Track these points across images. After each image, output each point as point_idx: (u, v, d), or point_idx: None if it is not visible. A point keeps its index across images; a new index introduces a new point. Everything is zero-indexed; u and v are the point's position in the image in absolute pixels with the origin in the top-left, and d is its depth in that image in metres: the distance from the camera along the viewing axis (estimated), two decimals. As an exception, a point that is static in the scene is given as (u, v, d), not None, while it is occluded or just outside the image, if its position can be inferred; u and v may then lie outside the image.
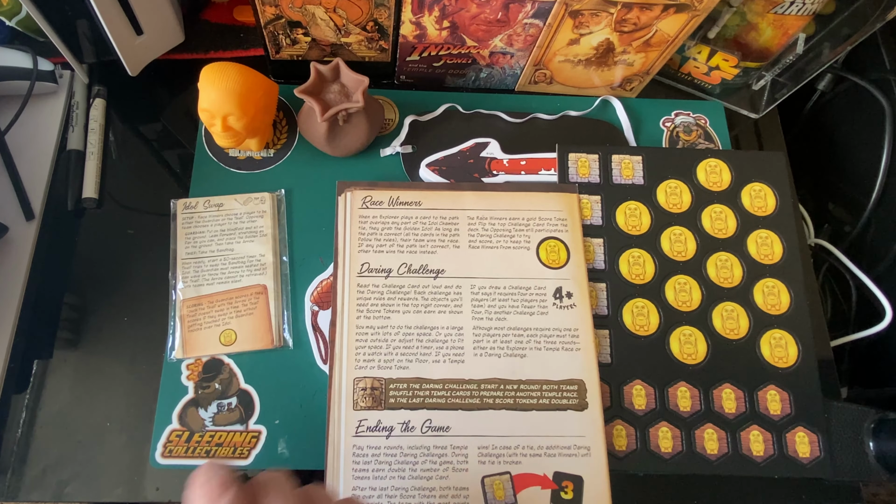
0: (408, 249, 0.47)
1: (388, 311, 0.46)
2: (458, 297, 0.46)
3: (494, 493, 0.42)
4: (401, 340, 0.45)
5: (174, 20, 0.53)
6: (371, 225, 0.48)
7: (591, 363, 0.45)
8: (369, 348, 0.44)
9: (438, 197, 0.49)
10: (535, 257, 0.48)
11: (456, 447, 0.42)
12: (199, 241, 0.48)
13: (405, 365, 0.44)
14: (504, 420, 0.43)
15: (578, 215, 0.50)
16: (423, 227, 0.48)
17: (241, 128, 0.46)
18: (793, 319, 0.48)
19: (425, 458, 0.42)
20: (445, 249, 0.48)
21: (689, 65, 0.56)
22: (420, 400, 0.43)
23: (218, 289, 0.46)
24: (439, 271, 0.47)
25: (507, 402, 0.44)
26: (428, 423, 0.43)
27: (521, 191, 0.50)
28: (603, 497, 0.42)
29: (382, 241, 0.48)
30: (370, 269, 0.47)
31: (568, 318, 0.46)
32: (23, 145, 0.51)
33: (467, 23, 0.47)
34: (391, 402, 0.43)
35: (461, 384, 0.44)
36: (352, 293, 0.46)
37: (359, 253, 0.47)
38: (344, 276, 0.46)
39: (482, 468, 0.42)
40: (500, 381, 0.44)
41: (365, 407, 0.43)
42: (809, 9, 0.48)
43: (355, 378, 0.44)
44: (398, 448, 0.42)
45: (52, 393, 0.45)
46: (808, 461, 0.44)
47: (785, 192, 0.51)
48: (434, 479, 0.42)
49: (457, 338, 0.45)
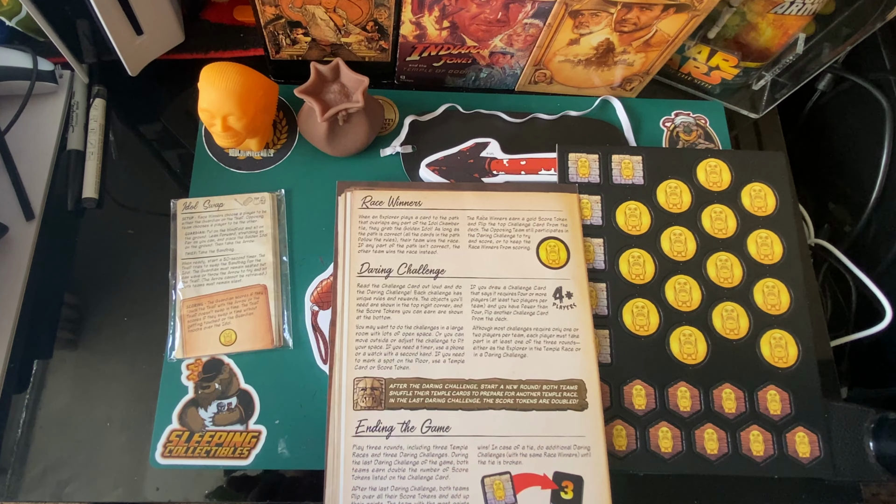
0: (408, 249, 0.47)
1: (388, 311, 0.46)
2: (458, 297, 0.46)
3: (494, 493, 0.42)
4: (401, 340, 0.45)
5: (174, 20, 0.53)
6: (371, 225, 0.48)
7: (591, 363, 0.45)
8: (369, 348, 0.44)
9: (438, 197, 0.49)
10: (535, 257, 0.48)
11: (456, 447, 0.42)
12: (199, 240, 0.48)
13: (405, 365, 0.44)
14: (504, 420, 0.43)
15: (578, 215, 0.50)
16: (423, 227, 0.48)
17: (241, 128, 0.46)
18: (793, 319, 0.48)
19: (425, 458, 0.42)
20: (445, 249, 0.48)
21: (689, 65, 0.56)
22: (420, 400, 0.43)
23: (218, 289, 0.46)
24: (439, 271, 0.47)
25: (507, 402, 0.44)
26: (428, 423, 0.43)
27: (521, 191, 0.50)
28: (603, 497, 0.42)
29: (382, 241, 0.48)
30: (370, 269, 0.47)
31: (568, 318, 0.46)
32: (23, 145, 0.51)
33: (467, 23, 0.47)
34: (391, 402, 0.43)
35: (461, 384, 0.44)
36: (352, 293, 0.46)
37: (359, 253, 0.47)
38: (344, 275, 0.46)
39: (482, 468, 0.42)
40: (500, 381, 0.44)
41: (365, 407, 0.43)
42: (809, 9, 0.48)
43: (355, 378, 0.44)
44: (398, 448, 0.42)
45: (52, 393, 0.45)
46: (808, 461, 0.44)
47: (785, 192, 0.51)
48: (434, 479, 0.42)
49: (457, 338, 0.45)
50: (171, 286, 0.47)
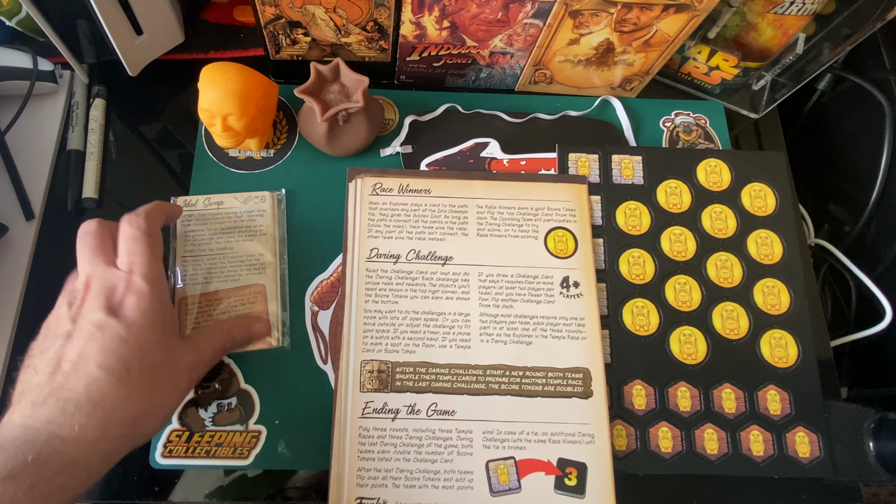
0: (416, 236, 0.48)
1: (396, 296, 0.46)
2: (465, 284, 0.46)
3: (499, 478, 0.42)
4: (408, 325, 0.45)
5: (174, 20, 0.53)
6: (381, 211, 0.48)
7: (596, 352, 0.45)
8: (377, 332, 0.45)
9: (448, 185, 0.50)
10: (543, 246, 0.48)
11: (461, 431, 0.43)
12: (199, 238, 0.47)
13: (412, 349, 0.44)
14: (509, 406, 0.43)
15: (587, 206, 0.50)
16: (433, 215, 0.48)
17: (241, 128, 0.46)
18: (793, 319, 0.48)
19: (430, 441, 0.42)
20: (454, 237, 0.48)
21: (689, 65, 0.56)
22: (426, 384, 0.44)
23: (217, 287, 0.46)
24: (447, 258, 0.47)
25: (512, 388, 0.44)
26: (433, 406, 0.43)
27: (531, 181, 0.50)
28: (606, 484, 0.42)
29: (392, 227, 0.48)
30: (379, 255, 0.47)
31: (574, 308, 0.46)
32: (23, 145, 0.51)
33: (467, 23, 0.47)
34: (397, 385, 0.44)
35: (467, 369, 0.44)
36: (360, 277, 0.46)
37: (368, 238, 0.47)
38: (353, 260, 0.47)
39: (487, 452, 0.42)
40: (505, 367, 0.44)
41: (371, 389, 0.43)
42: (809, 9, 0.48)
43: (362, 360, 0.44)
44: (404, 430, 0.42)
45: (52, 393, 0.45)
46: (808, 461, 0.44)
47: (785, 192, 0.51)
48: (439, 461, 0.42)
49: (464, 324, 0.45)
50: (168, 284, 0.47)
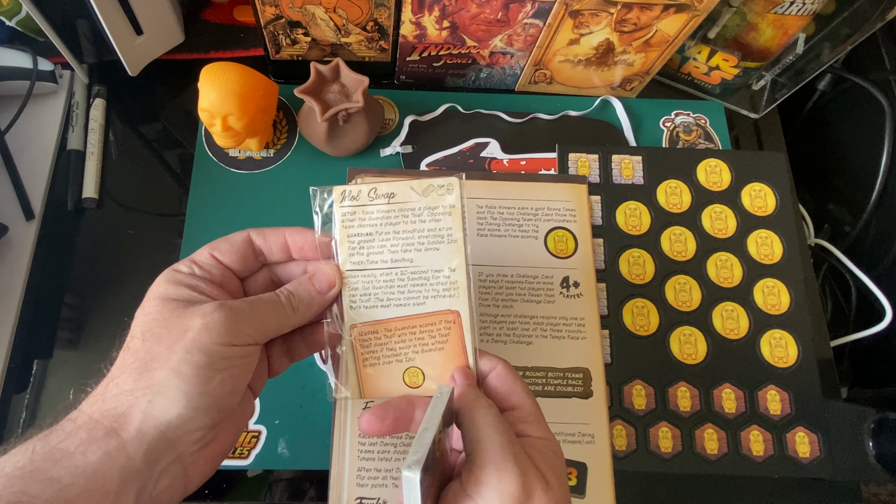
0: None
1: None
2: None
3: None
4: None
5: (174, 20, 0.53)
6: None
7: (596, 352, 0.45)
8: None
9: None
10: (543, 246, 0.48)
11: None
12: (368, 247, 0.34)
13: None
14: None
15: (587, 206, 0.50)
16: None
17: (241, 128, 0.46)
18: (793, 319, 0.48)
19: None
20: None
21: (689, 65, 0.56)
22: None
23: (395, 313, 0.34)
24: None
25: None
26: None
27: (531, 181, 0.50)
28: (606, 484, 0.42)
29: None
30: None
31: (574, 307, 0.46)
32: (23, 145, 0.51)
33: (467, 23, 0.47)
34: None
35: None
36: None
37: None
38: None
39: None
40: None
41: None
42: (809, 9, 0.48)
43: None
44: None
45: (52, 393, 0.45)
46: (808, 461, 0.44)
47: (785, 192, 0.51)
48: None
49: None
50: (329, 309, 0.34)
